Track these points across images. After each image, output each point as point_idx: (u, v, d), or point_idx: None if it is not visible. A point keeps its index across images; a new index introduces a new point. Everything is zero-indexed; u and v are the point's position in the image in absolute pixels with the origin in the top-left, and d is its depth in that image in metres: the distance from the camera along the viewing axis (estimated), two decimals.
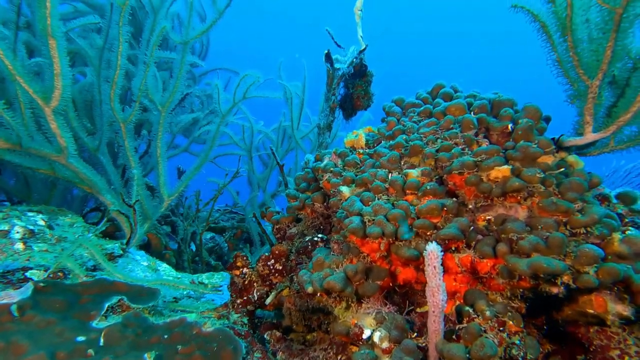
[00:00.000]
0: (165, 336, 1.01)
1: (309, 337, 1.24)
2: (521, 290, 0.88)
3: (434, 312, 0.82)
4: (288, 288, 1.20)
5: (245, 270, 1.27)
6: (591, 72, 0.93)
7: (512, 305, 0.88)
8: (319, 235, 1.24)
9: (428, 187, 1.01)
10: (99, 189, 1.66)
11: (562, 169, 0.97)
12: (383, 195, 1.06)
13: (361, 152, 1.26)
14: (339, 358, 0.95)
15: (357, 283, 0.96)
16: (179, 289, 1.37)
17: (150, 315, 1.17)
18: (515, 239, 0.88)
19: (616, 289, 0.83)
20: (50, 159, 1.50)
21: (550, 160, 0.97)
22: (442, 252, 0.80)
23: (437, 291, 0.81)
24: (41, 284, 1.07)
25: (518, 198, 0.94)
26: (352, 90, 2.19)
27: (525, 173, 0.92)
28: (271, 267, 1.25)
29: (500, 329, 0.81)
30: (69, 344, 0.91)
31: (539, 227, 0.89)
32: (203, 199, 2.63)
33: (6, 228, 1.30)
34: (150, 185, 2.49)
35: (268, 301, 1.19)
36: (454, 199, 1.00)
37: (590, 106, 0.96)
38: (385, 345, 0.85)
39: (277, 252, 1.25)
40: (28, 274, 1.12)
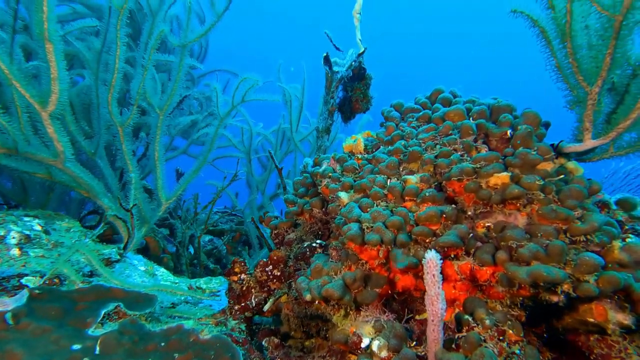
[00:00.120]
0: (162, 344, 1.00)
1: (307, 344, 1.23)
2: (521, 299, 0.87)
3: (433, 320, 0.81)
4: (286, 294, 1.19)
5: (243, 276, 1.26)
6: (590, 79, 0.92)
7: (512, 313, 0.87)
8: (318, 241, 1.23)
9: (427, 193, 1.00)
10: (96, 193, 1.65)
11: (562, 175, 0.96)
12: (382, 201, 1.05)
13: (360, 157, 1.25)
14: None
15: (355, 291, 0.95)
16: (177, 295, 1.37)
17: (147, 322, 1.16)
18: (514, 247, 0.88)
19: (617, 298, 0.82)
20: (47, 164, 1.49)
21: (549, 166, 0.96)
22: (441, 260, 0.79)
23: (436, 300, 0.80)
24: (36, 290, 1.05)
25: (517, 205, 0.93)
26: (350, 94, 2.18)
27: (524, 180, 0.92)
28: (269, 273, 1.24)
29: (500, 338, 0.80)
30: (64, 352, 0.90)
31: (539, 234, 0.88)
32: (201, 201, 2.63)
33: (2, 233, 1.29)
34: (148, 188, 2.48)
35: (266, 308, 1.19)
36: (453, 206, 1.00)
37: (590, 113, 0.96)
38: (384, 354, 0.84)
39: (275, 258, 1.24)
40: (23, 280, 1.11)
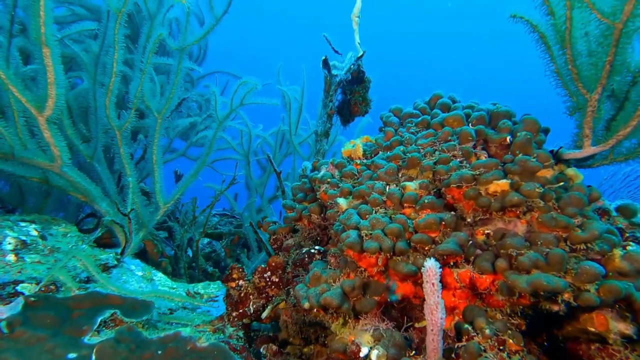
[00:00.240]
0: (159, 352, 0.99)
1: (305, 350, 1.22)
2: (521, 307, 0.86)
3: (432, 330, 0.81)
4: (284, 301, 1.18)
5: (241, 282, 1.25)
6: (590, 86, 0.92)
7: (512, 322, 0.87)
8: (316, 247, 1.22)
9: (426, 200, 1.00)
10: (94, 197, 1.64)
11: (562, 182, 0.95)
12: (380, 208, 1.04)
13: (358, 162, 1.25)
14: None
15: (354, 299, 0.94)
16: (174, 301, 1.35)
17: (144, 329, 1.15)
18: (514, 255, 0.87)
19: (618, 307, 0.82)
20: (43, 168, 1.48)
21: (549, 173, 0.96)
22: (440, 269, 0.78)
23: (436, 309, 0.79)
24: (32, 298, 1.04)
25: (517, 212, 0.93)
26: (349, 97, 2.17)
27: (524, 187, 0.91)
28: (267, 279, 1.23)
29: (500, 348, 0.80)
30: None
31: (539, 242, 0.88)
32: (200, 205, 2.62)
33: None
34: (147, 191, 2.47)
35: (264, 315, 1.18)
36: (453, 213, 0.99)
37: (590, 120, 0.95)
38: None
39: (273, 264, 1.24)
40: (19, 287, 1.10)
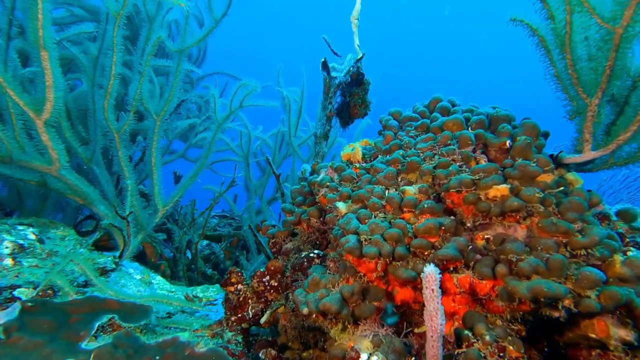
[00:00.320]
0: (157, 357, 0.98)
1: (305, 355, 1.21)
2: (521, 313, 0.86)
3: (432, 336, 0.80)
4: (283, 306, 1.18)
5: (239, 286, 1.24)
6: (590, 91, 0.91)
7: (512, 328, 0.86)
8: (315, 251, 1.21)
9: (426, 205, 0.99)
10: (92, 200, 1.63)
11: (562, 187, 0.95)
12: (380, 212, 1.04)
13: (358, 166, 1.24)
14: None
15: (353, 304, 0.94)
16: (173, 305, 1.35)
17: (142, 334, 1.14)
18: (514, 260, 0.86)
19: (618, 313, 0.81)
20: (41, 171, 1.47)
21: (549, 178, 0.95)
22: (440, 274, 0.78)
23: (435, 315, 0.79)
24: (29, 303, 1.04)
25: (517, 217, 0.92)
26: (349, 99, 2.17)
27: (524, 192, 0.91)
28: (266, 284, 1.23)
29: (501, 355, 0.79)
30: None
31: (539, 248, 0.87)
32: (199, 207, 2.61)
33: None
34: (145, 193, 2.46)
35: (263, 320, 1.17)
36: (452, 217, 0.99)
37: (590, 124, 0.95)
38: None
39: (272, 268, 1.23)
40: (16, 292, 1.10)
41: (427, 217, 0.99)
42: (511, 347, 0.81)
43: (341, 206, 1.12)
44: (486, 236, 0.96)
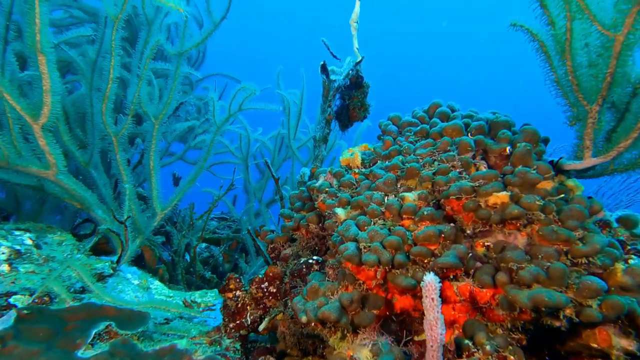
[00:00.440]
0: None
1: None
2: (522, 322, 0.85)
3: (432, 346, 0.79)
4: (282, 313, 1.17)
5: (238, 292, 1.23)
6: (591, 97, 0.91)
7: (513, 337, 0.85)
8: (314, 257, 1.21)
9: (425, 212, 0.98)
10: (90, 204, 1.62)
11: (562, 194, 0.94)
12: (379, 219, 1.03)
13: (357, 171, 1.24)
14: None
15: (352, 312, 0.93)
16: (171, 311, 1.34)
17: (140, 342, 1.13)
18: (515, 269, 0.86)
19: (620, 323, 0.80)
20: (38, 176, 1.46)
21: (549, 185, 0.95)
22: (440, 283, 0.77)
23: (435, 324, 0.78)
24: (25, 311, 1.03)
25: (517, 225, 0.92)
26: (348, 102, 2.16)
27: (524, 200, 0.90)
28: (265, 290, 1.22)
29: None
30: None
31: (540, 256, 0.86)
32: (197, 209, 2.60)
33: None
34: (144, 195, 2.45)
35: (261, 328, 1.16)
36: (452, 225, 0.98)
37: (590, 131, 0.94)
38: None
39: (271, 274, 1.22)
40: (12, 299, 1.08)
41: (426, 224, 0.98)
42: (512, 357, 0.80)
43: (340, 212, 1.11)
44: (486, 244, 0.96)
